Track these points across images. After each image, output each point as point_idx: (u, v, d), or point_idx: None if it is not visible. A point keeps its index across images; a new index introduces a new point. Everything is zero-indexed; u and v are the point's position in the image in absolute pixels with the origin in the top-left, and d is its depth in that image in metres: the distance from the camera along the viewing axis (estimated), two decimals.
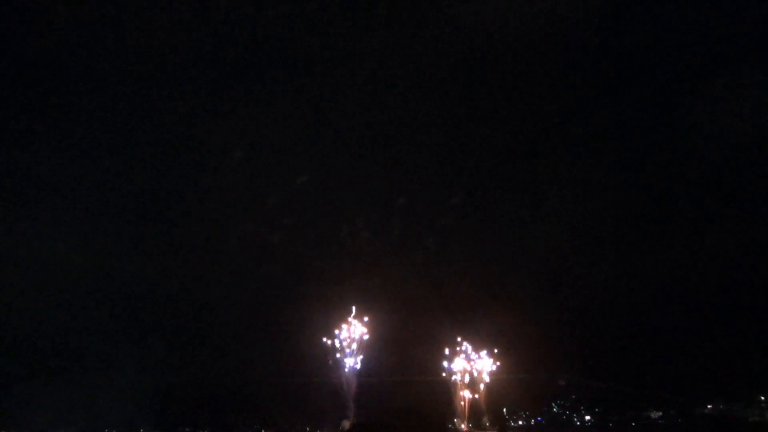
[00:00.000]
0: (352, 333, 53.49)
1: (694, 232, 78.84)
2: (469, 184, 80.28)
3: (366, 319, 53.97)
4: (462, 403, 64.14)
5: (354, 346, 53.36)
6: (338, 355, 53.32)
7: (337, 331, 53.23)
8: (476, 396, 64.62)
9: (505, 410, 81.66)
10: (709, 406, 78.90)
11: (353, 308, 53.43)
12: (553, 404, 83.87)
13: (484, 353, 64.06)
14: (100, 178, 76.94)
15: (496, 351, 64.38)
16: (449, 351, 63.11)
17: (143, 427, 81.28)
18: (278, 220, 69.17)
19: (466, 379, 63.56)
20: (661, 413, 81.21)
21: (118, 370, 73.44)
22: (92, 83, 74.48)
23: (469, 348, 63.67)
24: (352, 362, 54.17)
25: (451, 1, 73.82)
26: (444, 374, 63.79)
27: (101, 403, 74.30)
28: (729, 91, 68.11)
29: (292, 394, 70.06)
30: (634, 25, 75.80)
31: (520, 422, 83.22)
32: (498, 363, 64.44)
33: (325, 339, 53.26)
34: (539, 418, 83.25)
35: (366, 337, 53.63)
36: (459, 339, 63.33)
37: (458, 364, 63.29)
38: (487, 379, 64.23)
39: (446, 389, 64.26)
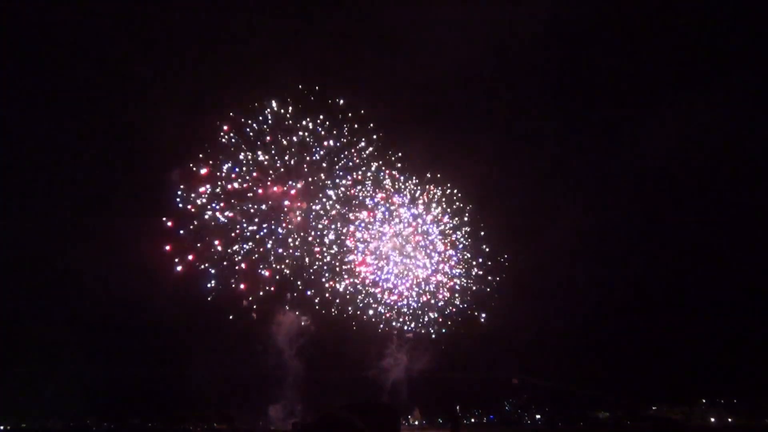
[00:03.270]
0: None
1: (647, 237, 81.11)
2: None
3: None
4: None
5: None
6: None
7: None
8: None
9: (458, 408, 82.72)
10: (653, 408, 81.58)
11: None
12: (506, 403, 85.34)
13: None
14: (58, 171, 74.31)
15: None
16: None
17: (90, 419, 79.34)
18: None
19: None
20: (608, 414, 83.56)
21: (65, 361, 71.22)
22: None
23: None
24: None
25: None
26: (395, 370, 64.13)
27: (47, 394, 72.11)
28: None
29: (245, 386, 69.46)
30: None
31: (473, 420, 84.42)
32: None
33: None
34: (491, 416, 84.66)
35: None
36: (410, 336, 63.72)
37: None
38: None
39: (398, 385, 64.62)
